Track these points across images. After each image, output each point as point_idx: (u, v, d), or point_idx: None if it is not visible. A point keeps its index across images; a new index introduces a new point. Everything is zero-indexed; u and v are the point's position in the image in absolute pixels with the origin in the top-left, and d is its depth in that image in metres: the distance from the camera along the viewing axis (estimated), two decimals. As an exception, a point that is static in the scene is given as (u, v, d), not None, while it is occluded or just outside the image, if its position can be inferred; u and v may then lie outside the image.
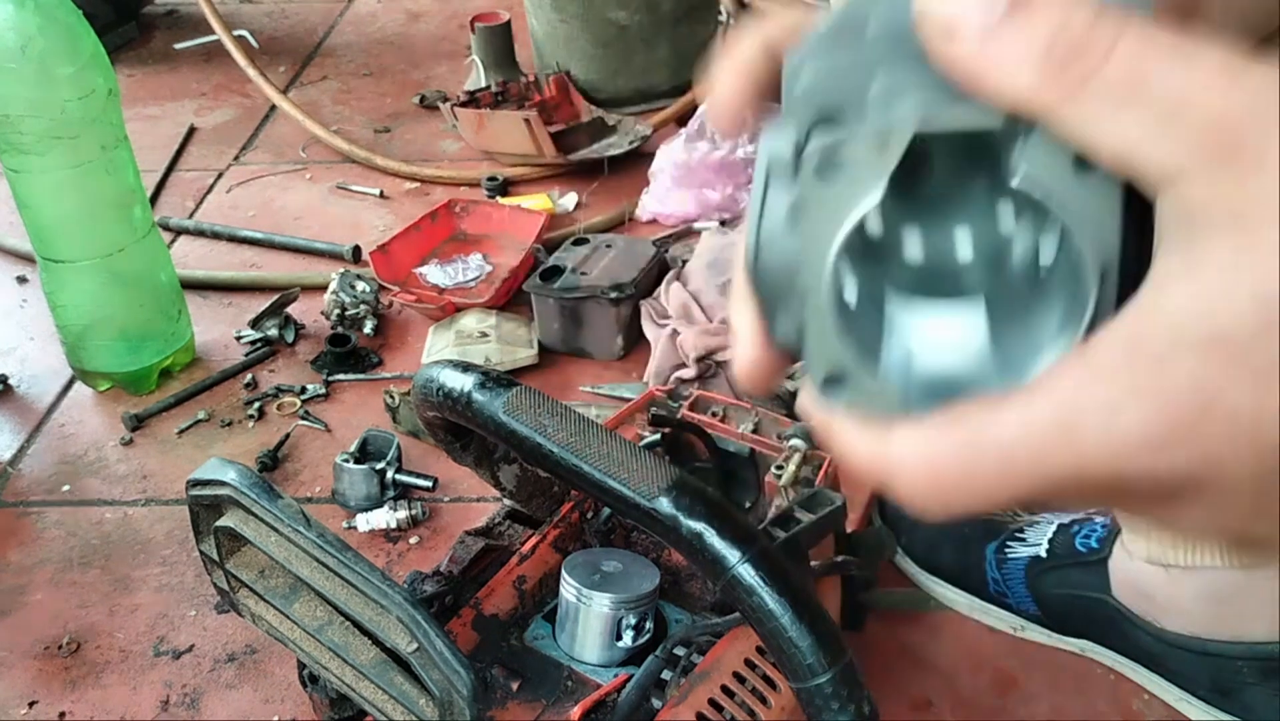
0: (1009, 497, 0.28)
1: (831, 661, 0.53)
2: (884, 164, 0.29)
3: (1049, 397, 0.28)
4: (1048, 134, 0.28)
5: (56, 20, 1.10)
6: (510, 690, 0.70)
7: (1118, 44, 0.27)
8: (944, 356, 0.31)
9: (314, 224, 1.61)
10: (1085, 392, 0.27)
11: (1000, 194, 0.32)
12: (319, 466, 1.18)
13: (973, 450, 0.28)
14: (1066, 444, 0.27)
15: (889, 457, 0.30)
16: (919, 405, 0.31)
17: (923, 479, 0.29)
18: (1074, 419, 0.27)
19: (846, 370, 0.31)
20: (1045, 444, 0.27)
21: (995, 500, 0.28)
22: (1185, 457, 0.27)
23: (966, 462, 0.28)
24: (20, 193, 1.17)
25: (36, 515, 1.15)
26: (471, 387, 0.64)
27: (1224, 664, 0.84)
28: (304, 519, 0.61)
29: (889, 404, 0.31)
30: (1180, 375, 0.26)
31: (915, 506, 0.30)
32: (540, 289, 1.28)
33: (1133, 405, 0.27)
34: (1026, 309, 0.31)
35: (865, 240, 0.33)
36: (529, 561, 0.77)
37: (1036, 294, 0.31)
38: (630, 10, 1.72)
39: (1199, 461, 0.27)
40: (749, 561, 0.55)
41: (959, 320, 0.32)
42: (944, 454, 0.29)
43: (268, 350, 1.34)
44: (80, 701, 0.95)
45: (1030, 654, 0.94)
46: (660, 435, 0.89)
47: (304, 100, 1.91)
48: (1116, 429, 0.27)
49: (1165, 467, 0.27)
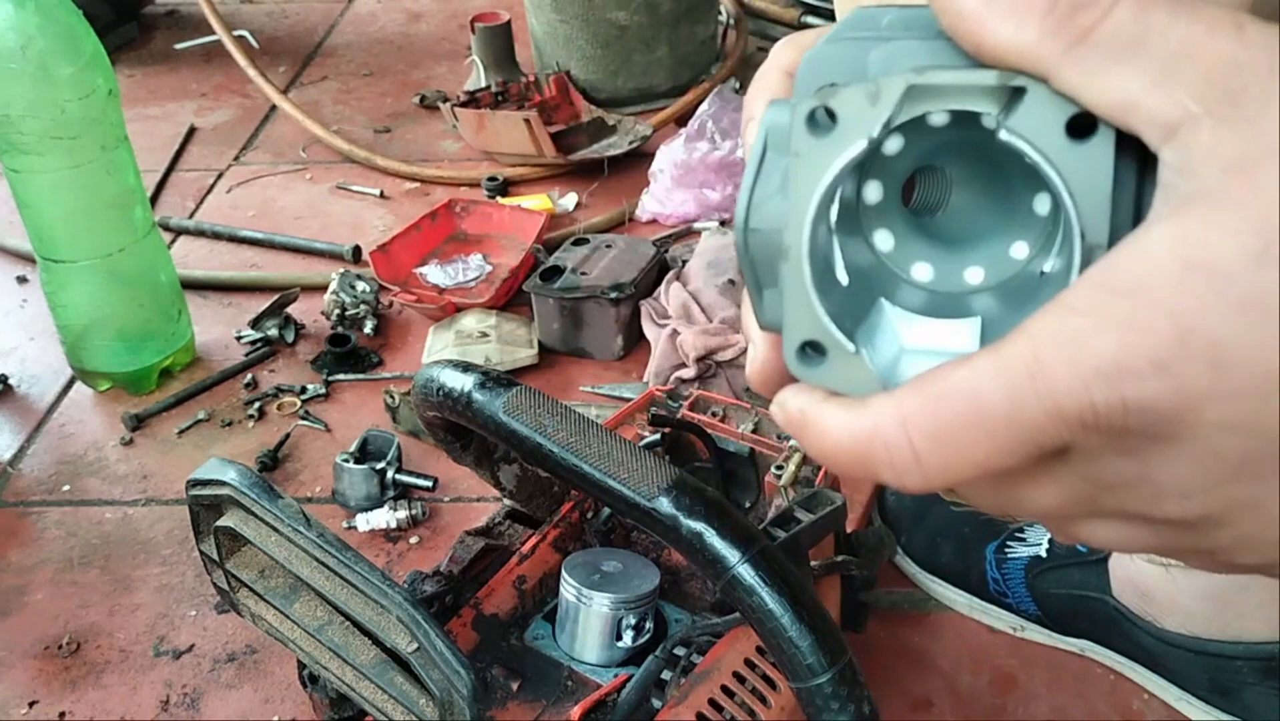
0: (989, 452, 0.27)
1: (832, 661, 0.53)
2: (875, 115, 0.29)
3: (1019, 341, 0.27)
4: (1042, 99, 0.28)
5: (56, 20, 1.10)
6: (510, 690, 0.70)
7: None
8: (933, 359, 0.30)
9: (314, 224, 1.61)
10: (1054, 328, 0.26)
11: (1015, 226, 0.32)
12: (319, 466, 1.18)
13: (945, 401, 0.27)
14: (1037, 380, 0.26)
15: (865, 430, 0.29)
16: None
17: (897, 442, 0.28)
18: (1043, 354, 0.26)
19: (826, 341, 0.30)
20: (1015, 383, 0.26)
21: (976, 457, 0.27)
22: (1159, 390, 0.25)
23: (940, 415, 0.27)
24: (20, 193, 1.17)
25: (36, 515, 1.15)
26: (471, 387, 0.64)
27: (1224, 663, 0.84)
28: (304, 519, 0.61)
29: (867, 383, 0.30)
30: (1154, 303, 0.25)
31: (895, 476, 0.28)
32: (540, 289, 1.28)
33: (1101, 333, 0.25)
34: (1022, 310, 0.31)
35: (861, 219, 0.33)
36: (529, 561, 0.77)
37: (1033, 296, 0.31)
38: (630, 10, 1.72)
39: (1175, 395, 0.25)
40: (749, 561, 0.55)
41: (956, 330, 0.32)
42: (916, 410, 0.28)
43: (268, 350, 1.34)
44: (80, 701, 0.95)
45: (1030, 653, 0.94)
46: (660, 435, 0.89)
47: (304, 100, 1.91)
48: (1084, 357, 0.25)
49: (1136, 400, 0.25)
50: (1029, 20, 0.27)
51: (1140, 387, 0.25)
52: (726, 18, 1.94)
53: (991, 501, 0.31)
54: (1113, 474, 0.28)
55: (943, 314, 0.32)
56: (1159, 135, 0.26)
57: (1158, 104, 0.26)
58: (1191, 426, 0.26)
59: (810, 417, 0.30)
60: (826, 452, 0.30)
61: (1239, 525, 0.28)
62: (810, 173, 0.29)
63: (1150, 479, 0.27)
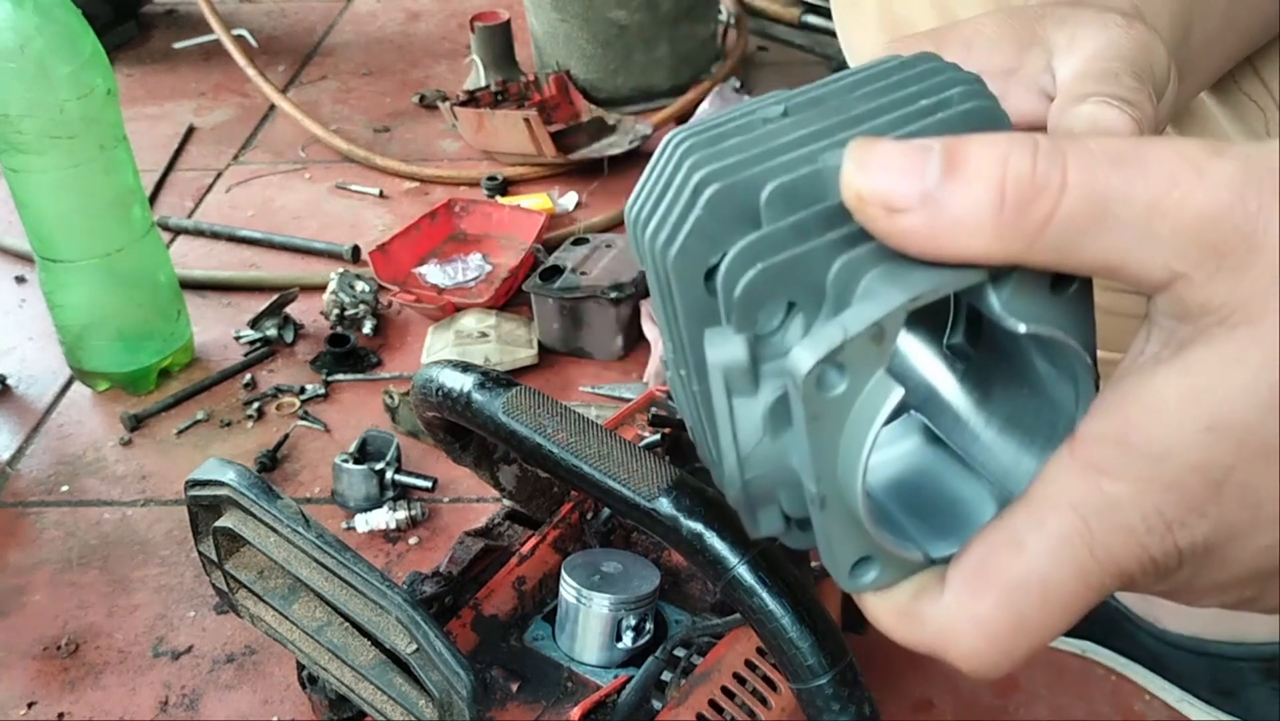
0: (1067, 622, 0.28)
1: (832, 662, 0.53)
2: (881, 352, 0.27)
3: (1062, 514, 0.27)
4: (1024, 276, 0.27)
5: (55, 19, 1.09)
6: (510, 691, 0.70)
7: (1067, 173, 0.25)
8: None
9: (313, 224, 1.60)
10: (1095, 499, 0.27)
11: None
12: (318, 467, 1.18)
13: (1016, 600, 0.28)
14: (1097, 552, 0.27)
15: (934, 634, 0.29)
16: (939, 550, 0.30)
17: (983, 647, 0.29)
18: (1094, 525, 0.27)
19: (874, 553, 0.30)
20: (1079, 560, 0.27)
21: (1054, 631, 0.28)
22: (1205, 530, 0.27)
23: (1016, 615, 0.28)
24: (19, 192, 1.17)
25: (35, 515, 1.14)
26: (471, 388, 0.64)
27: (1225, 664, 0.84)
28: (303, 519, 0.61)
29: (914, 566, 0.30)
30: (1184, 464, 0.26)
31: (979, 672, 0.29)
32: (540, 289, 1.28)
33: (1144, 495, 0.26)
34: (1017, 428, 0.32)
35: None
36: (529, 562, 0.77)
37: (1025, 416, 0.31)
38: (630, 10, 1.72)
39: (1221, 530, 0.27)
40: (749, 562, 0.55)
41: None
42: (991, 616, 0.28)
43: (267, 350, 1.34)
44: (79, 702, 0.95)
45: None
46: (660, 435, 0.88)
47: (303, 100, 1.91)
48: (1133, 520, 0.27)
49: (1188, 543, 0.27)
50: (981, 227, 0.26)
51: (1189, 533, 0.27)
52: (727, 16, 1.94)
53: None
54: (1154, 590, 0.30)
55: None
56: (1148, 289, 0.27)
57: (1143, 269, 0.26)
58: (1236, 550, 0.27)
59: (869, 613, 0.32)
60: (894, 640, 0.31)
61: (1268, 599, 0.30)
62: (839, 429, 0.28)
63: (1192, 586, 0.29)
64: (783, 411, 0.29)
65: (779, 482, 0.30)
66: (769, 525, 0.32)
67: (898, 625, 0.30)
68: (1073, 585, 0.27)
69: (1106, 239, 0.26)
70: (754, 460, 0.30)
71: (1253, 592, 0.29)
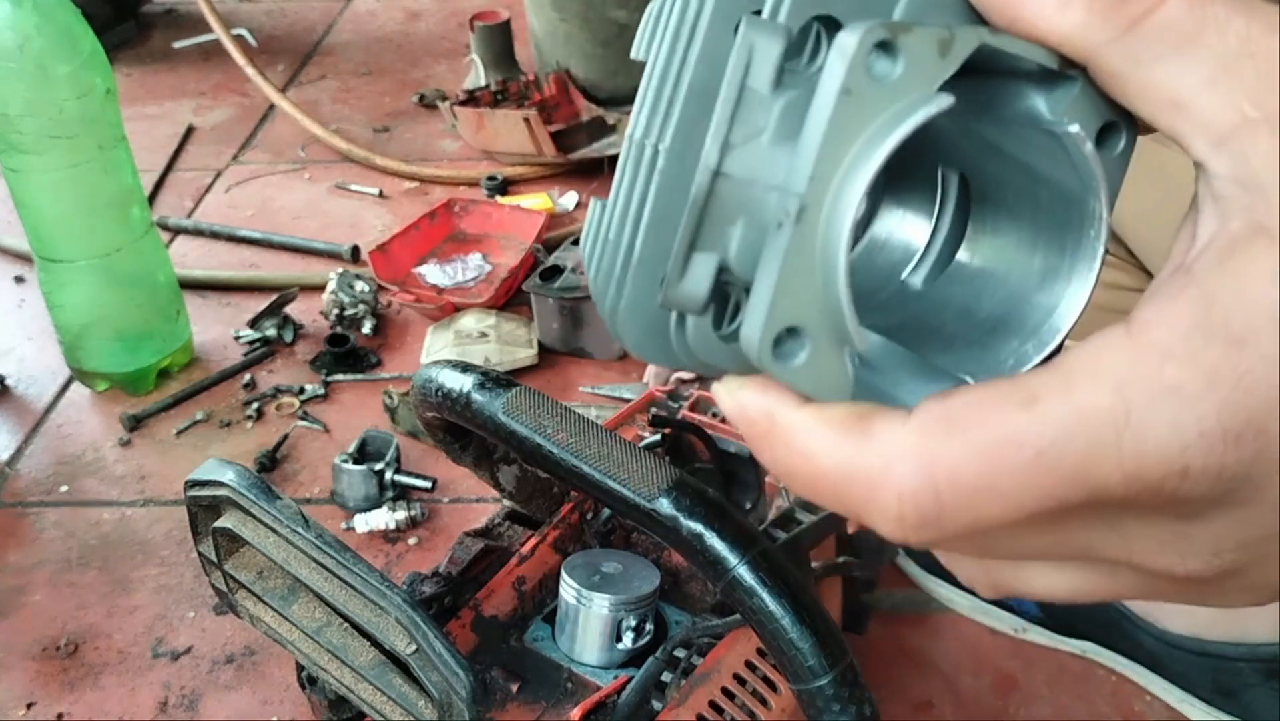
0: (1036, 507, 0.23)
1: (833, 663, 0.53)
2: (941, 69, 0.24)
3: (1099, 387, 0.23)
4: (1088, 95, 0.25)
5: (54, 19, 1.09)
6: (510, 691, 0.70)
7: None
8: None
9: (313, 223, 1.60)
10: (1150, 379, 0.22)
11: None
12: (318, 467, 1.18)
13: (997, 456, 0.23)
14: (1124, 437, 0.22)
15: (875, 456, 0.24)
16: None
17: (923, 495, 0.23)
18: (1138, 408, 0.22)
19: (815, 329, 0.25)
20: (1098, 440, 0.22)
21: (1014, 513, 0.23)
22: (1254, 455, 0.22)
23: (986, 472, 0.23)
24: (18, 192, 1.17)
25: (35, 516, 1.14)
26: (471, 388, 0.64)
27: (1225, 665, 0.84)
28: (302, 520, 0.61)
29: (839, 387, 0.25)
30: (1263, 359, 0.22)
31: (896, 528, 0.24)
32: (540, 289, 1.28)
33: (1211, 389, 0.22)
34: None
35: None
36: (528, 562, 0.77)
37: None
38: (630, 9, 1.72)
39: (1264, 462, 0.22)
40: (749, 563, 0.55)
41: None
42: (958, 457, 0.23)
43: (266, 350, 1.34)
44: (78, 702, 0.95)
45: (1032, 655, 0.94)
46: (660, 435, 0.88)
47: (303, 99, 1.91)
48: (1187, 418, 0.22)
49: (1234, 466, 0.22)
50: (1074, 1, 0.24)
51: (1239, 454, 0.22)
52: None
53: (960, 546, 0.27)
54: (1141, 531, 0.25)
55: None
56: (1208, 141, 0.24)
57: (1211, 106, 0.23)
58: (1265, 492, 0.23)
59: (783, 431, 0.25)
60: (799, 476, 0.25)
61: (1252, 575, 0.25)
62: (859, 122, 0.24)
63: (1190, 537, 0.24)
64: (796, 115, 0.25)
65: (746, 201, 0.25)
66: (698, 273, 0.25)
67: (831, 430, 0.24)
68: (1073, 467, 0.23)
69: (1185, 65, 0.24)
70: (741, 156, 0.25)
71: (1246, 561, 0.25)
